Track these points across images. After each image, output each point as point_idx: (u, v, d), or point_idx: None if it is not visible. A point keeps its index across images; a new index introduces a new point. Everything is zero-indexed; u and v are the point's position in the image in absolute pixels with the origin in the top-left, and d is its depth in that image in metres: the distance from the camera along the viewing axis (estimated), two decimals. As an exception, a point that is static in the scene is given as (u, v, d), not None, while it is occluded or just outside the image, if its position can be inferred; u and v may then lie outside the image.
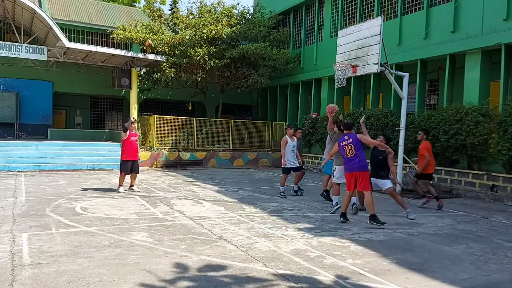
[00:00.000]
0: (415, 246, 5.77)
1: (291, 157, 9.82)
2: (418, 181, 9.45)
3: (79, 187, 10.44)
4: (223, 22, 17.85)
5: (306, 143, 17.68)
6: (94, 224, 6.53)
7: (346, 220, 7.08)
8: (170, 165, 16.59)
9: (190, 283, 4.11)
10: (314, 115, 17.66)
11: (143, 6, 19.91)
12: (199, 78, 17.72)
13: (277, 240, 5.85)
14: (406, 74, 11.38)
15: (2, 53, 15.59)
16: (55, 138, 18.75)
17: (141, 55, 16.64)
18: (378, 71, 10.48)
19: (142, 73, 18.29)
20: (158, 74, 18.62)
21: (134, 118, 10.74)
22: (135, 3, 36.67)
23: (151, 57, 16.70)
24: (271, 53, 17.79)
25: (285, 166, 9.82)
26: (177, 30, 19.08)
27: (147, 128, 17.64)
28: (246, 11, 19.57)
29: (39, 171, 13.77)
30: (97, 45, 19.96)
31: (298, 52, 19.60)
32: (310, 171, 16.73)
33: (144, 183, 11.55)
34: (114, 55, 16.59)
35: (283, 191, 9.83)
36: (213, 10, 18.95)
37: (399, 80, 11.63)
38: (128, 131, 9.96)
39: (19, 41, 16.33)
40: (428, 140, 9.48)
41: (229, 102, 22.17)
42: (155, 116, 17.25)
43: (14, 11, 17.14)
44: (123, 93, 20.95)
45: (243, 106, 24.78)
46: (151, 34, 17.51)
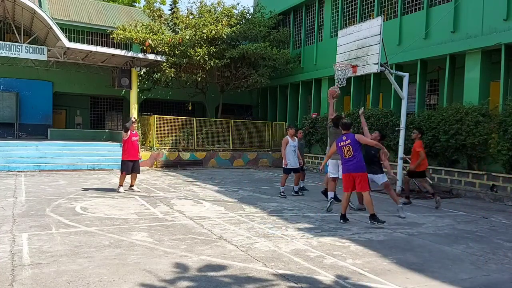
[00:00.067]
0: (415, 246, 5.77)
1: (292, 157, 9.84)
2: (410, 180, 9.73)
3: (79, 187, 10.44)
4: (223, 22, 17.85)
5: (306, 143, 17.67)
6: (94, 224, 6.53)
7: (346, 221, 7.09)
8: (170, 165, 16.59)
9: (190, 283, 4.11)
10: (314, 115, 17.66)
11: (143, 6, 19.93)
12: (199, 78, 17.72)
13: (277, 240, 5.85)
14: (406, 74, 11.38)
15: (2, 53, 15.60)
16: (55, 138, 18.77)
17: (141, 55, 16.65)
18: (378, 71, 10.48)
19: (142, 73, 18.31)
20: (158, 74, 18.62)
21: (134, 118, 10.75)
22: (135, 3, 36.68)
23: (151, 57, 16.71)
24: (271, 53, 17.79)
25: (286, 167, 9.85)
26: (177, 30, 19.08)
27: (147, 128, 17.63)
28: (246, 11, 19.57)
29: (39, 171, 13.77)
30: (97, 45, 19.97)
31: (298, 52, 19.59)
32: (310, 171, 16.72)
33: (144, 183, 11.55)
34: (114, 55, 16.60)
35: (283, 191, 9.84)
36: (213, 10, 18.95)
37: (399, 80, 11.64)
38: (129, 131, 9.97)
39: (19, 41, 16.33)
40: (421, 139, 9.73)
41: (229, 102, 22.17)
42: (155, 116, 17.25)
43: (14, 11, 17.14)
44: (123, 93, 20.96)
45: (243, 106, 24.78)
46: (151, 34, 17.51)
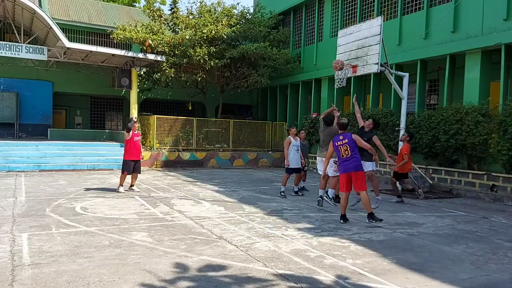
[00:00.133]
0: (415, 246, 5.77)
1: (295, 157, 9.85)
2: (397, 182, 9.84)
3: (79, 187, 10.44)
4: (223, 22, 17.84)
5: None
6: (94, 224, 6.53)
7: (346, 221, 7.09)
8: (170, 165, 16.59)
9: (190, 283, 4.11)
10: (314, 115, 17.65)
11: (143, 6, 19.94)
12: (199, 78, 17.72)
13: (277, 240, 5.85)
14: (406, 74, 11.39)
15: (2, 53, 15.60)
16: (55, 138, 18.77)
17: (141, 55, 16.65)
18: (378, 71, 10.49)
19: (142, 73, 18.30)
20: (158, 74, 18.62)
21: (136, 118, 10.75)
22: (135, 3, 36.68)
23: (151, 57, 16.71)
24: (271, 53, 17.79)
25: (288, 166, 9.86)
26: (177, 30, 19.08)
27: (147, 128, 17.62)
28: (246, 11, 19.57)
29: (39, 171, 13.77)
30: (97, 45, 19.97)
31: (298, 52, 19.59)
32: (310, 171, 16.70)
33: (144, 183, 11.54)
34: (114, 55, 16.60)
35: (284, 191, 9.83)
36: (213, 10, 18.95)
37: (399, 80, 11.64)
38: (131, 131, 9.99)
39: (19, 41, 16.33)
40: (409, 143, 9.91)
41: (229, 102, 22.17)
42: (155, 116, 17.24)
43: (14, 11, 17.14)
44: (123, 93, 20.96)
45: (243, 106, 24.78)
46: (151, 34, 17.51)
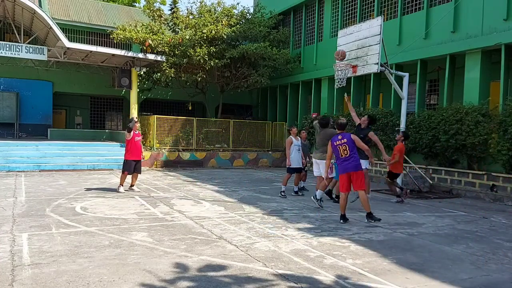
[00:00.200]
0: (415, 246, 5.77)
1: (296, 157, 9.85)
2: (393, 182, 9.81)
3: (79, 187, 10.44)
4: (223, 22, 17.84)
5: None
6: (94, 224, 6.53)
7: (345, 221, 7.09)
8: (170, 165, 16.59)
9: (190, 283, 4.11)
10: (314, 115, 17.64)
11: (143, 6, 19.93)
12: (199, 78, 17.71)
13: (277, 240, 5.85)
14: (406, 74, 11.39)
15: (2, 53, 15.60)
16: (55, 138, 18.77)
17: (141, 55, 16.65)
18: (378, 71, 10.49)
19: (142, 73, 18.31)
20: (158, 74, 18.61)
21: (136, 118, 10.75)
22: (135, 3, 36.68)
23: (151, 57, 16.71)
24: (271, 53, 17.79)
25: (290, 166, 9.85)
26: (177, 30, 19.08)
27: (147, 128, 17.62)
28: (246, 11, 19.57)
29: (39, 171, 13.77)
30: (97, 45, 19.97)
31: (298, 52, 19.59)
32: (311, 172, 16.69)
33: (144, 183, 11.54)
34: (114, 55, 16.60)
35: (284, 191, 9.84)
36: (213, 10, 18.95)
37: (399, 80, 11.64)
38: (132, 131, 9.99)
39: (19, 41, 16.33)
40: (404, 143, 9.85)
41: (229, 102, 22.16)
42: (155, 116, 17.24)
43: (14, 11, 17.14)
44: (123, 93, 20.96)
45: (243, 106, 24.78)
46: (151, 34, 17.51)
